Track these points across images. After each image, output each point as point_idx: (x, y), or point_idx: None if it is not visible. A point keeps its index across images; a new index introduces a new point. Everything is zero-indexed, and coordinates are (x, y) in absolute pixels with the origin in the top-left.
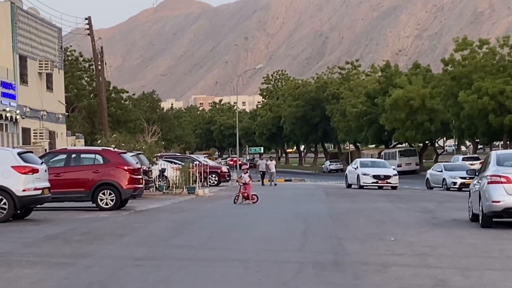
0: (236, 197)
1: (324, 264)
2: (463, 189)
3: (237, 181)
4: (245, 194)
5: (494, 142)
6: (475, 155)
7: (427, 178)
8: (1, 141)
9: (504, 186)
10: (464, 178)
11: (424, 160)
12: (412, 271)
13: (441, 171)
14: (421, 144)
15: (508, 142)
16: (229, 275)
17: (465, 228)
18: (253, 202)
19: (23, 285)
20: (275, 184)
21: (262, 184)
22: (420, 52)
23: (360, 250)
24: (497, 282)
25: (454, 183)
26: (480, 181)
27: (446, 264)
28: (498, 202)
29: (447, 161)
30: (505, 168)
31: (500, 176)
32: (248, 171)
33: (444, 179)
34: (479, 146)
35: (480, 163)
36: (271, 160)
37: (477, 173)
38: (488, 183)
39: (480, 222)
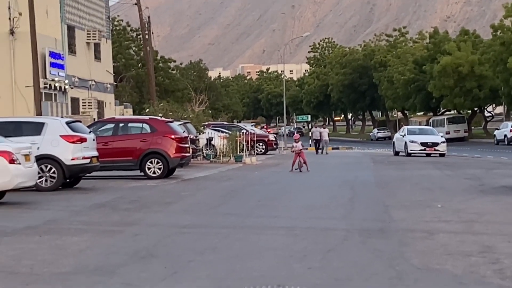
0: (293, 166)
1: (370, 232)
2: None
3: (292, 150)
4: (300, 162)
5: None
6: None
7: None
8: (50, 111)
9: None
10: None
11: (472, 127)
12: (458, 238)
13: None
14: (470, 111)
15: None
16: (276, 242)
17: None
18: (307, 170)
19: (71, 253)
20: (326, 153)
21: (316, 152)
22: (469, 18)
23: (407, 217)
24: None
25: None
26: None
27: (493, 230)
28: None
29: (497, 128)
30: None
31: None
32: (300, 140)
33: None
34: None
35: None
36: (324, 128)
37: None
38: None
39: None
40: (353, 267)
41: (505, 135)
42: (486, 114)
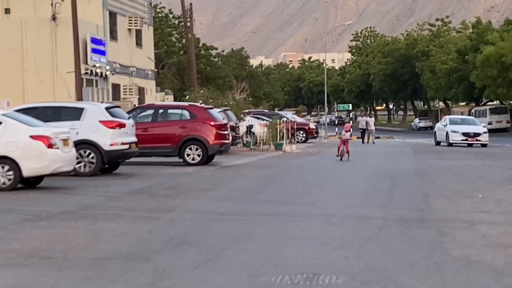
0: (339, 152)
1: (408, 221)
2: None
3: (339, 137)
4: (344, 151)
5: None
6: None
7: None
8: (91, 97)
9: None
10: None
11: None
12: (499, 229)
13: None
14: None
15: None
16: (312, 230)
17: None
18: (348, 159)
19: (106, 238)
20: (373, 142)
21: (363, 142)
22: None
23: (446, 207)
24: None
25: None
26: None
27: None
28: None
29: None
30: None
31: None
32: (351, 130)
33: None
34: None
35: None
36: (371, 117)
37: None
38: None
39: None
40: (390, 256)
41: None
42: None
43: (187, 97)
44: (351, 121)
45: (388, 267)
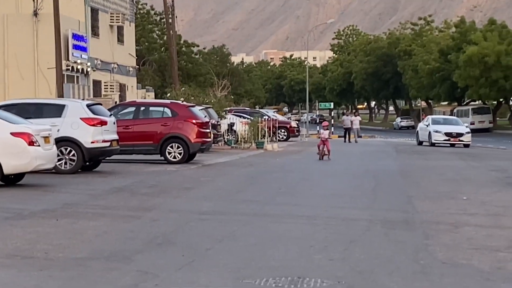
0: (319, 154)
1: (393, 223)
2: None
3: (318, 136)
4: (324, 151)
5: None
6: None
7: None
8: (72, 93)
9: None
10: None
11: (498, 118)
12: (485, 232)
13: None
14: (495, 102)
15: None
16: (296, 231)
17: None
18: (329, 159)
19: (88, 237)
20: (356, 141)
21: (346, 141)
22: (496, 8)
23: (431, 208)
24: None
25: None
26: None
27: None
28: None
29: None
30: None
31: None
32: (328, 128)
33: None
34: None
35: None
36: (356, 116)
37: None
38: None
39: None
40: (376, 259)
41: None
42: None
43: (168, 94)
44: (332, 120)
45: (373, 270)
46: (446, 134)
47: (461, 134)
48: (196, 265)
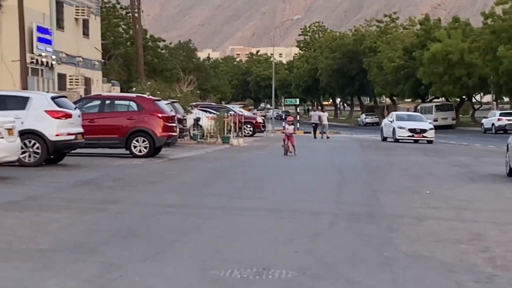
0: (285, 149)
1: (358, 216)
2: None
3: (283, 132)
4: (288, 146)
5: None
6: None
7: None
8: (36, 86)
9: None
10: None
11: (460, 115)
12: (448, 225)
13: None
14: (458, 99)
15: None
16: (262, 224)
17: (502, 183)
18: (294, 154)
19: (52, 229)
20: (327, 137)
21: (314, 137)
22: (460, 6)
23: (395, 202)
24: None
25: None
26: None
27: (483, 218)
28: None
29: (484, 117)
30: None
31: None
32: (293, 123)
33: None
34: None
35: None
36: (324, 112)
37: None
38: None
39: None
40: (341, 251)
41: (493, 124)
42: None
43: (134, 88)
44: (298, 116)
45: (338, 262)
46: (410, 130)
47: (424, 130)
48: (161, 257)
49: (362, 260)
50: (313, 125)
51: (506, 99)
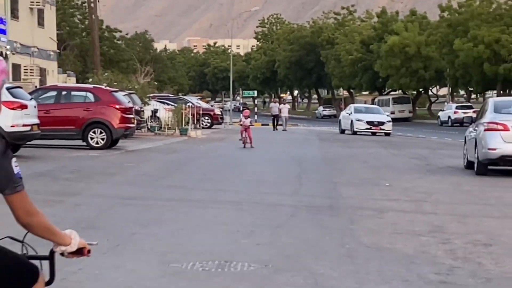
0: (243, 141)
1: (318, 208)
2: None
3: (241, 124)
4: (246, 138)
5: (488, 92)
6: (469, 104)
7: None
8: None
9: (501, 134)
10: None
11: (417, 108)
12: (408, 217)
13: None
14: (415, 92)
15: (501, 92)
16: (222, 216)
17: (460, 175)
18: (251, 147)
19: (7, 222)
20: (285, 130)
21: (274, 129)
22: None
23: (355, 194)
24: (493, 229)
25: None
26: (476, 128)
27: (442, 210)
28: (495, 149)
29: (441, 110)
30: (502, 116)
31: (497, 124)
32: (249, 116)
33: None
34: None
35: (474, 111)
36: (284, 104)
37: (473, 121)
38: (485, 130)
39: (476, 169)
40: (302, 244)
41: (449, 117)
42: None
43: (91, 79)
44: (256, 108)
45: (300, 254)
46: (368, 122)
47: (382, 123)
48: (121, 250)
49: (323, 252)
50: (273, 117)
51: (462, 92)
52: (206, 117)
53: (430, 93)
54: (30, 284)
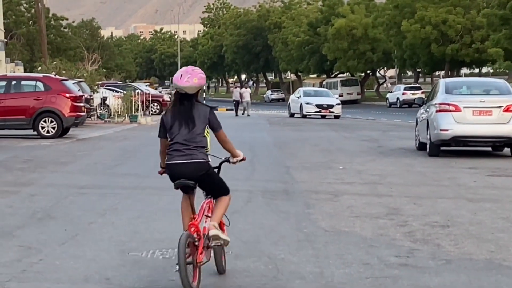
0: None
1: (273, 193)
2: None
3: None
4: None
5: (436, 72)
6: (417, 85)
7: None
8: None
9: (453, 115)
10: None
11: (365, 90)
12: (364, 200)
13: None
14: (363, 74)
15: (449, 72)
16: (177, 203)
17: (412, 157)
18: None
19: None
20: (248, 115)
21: (236, 114)
22: None
23: (309, 178)
24: (449, 210)
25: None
26: (428, 109)
27: (397, 192)
28: (447, 130)
29: (390, 91)
30: (454, 96)
31: (449, 104)
32: None
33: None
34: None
35: (422, 92)
36: (246, 88)
37: (424, 102)
38: (437, 111)
39: (428, 150)
40: (260, 229)
41: (398, 98)
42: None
43: (39, 68)
44: (204, 93)
45: (259, 240)
46: (317, 106)
47: (331, 106)
48: (80, 239)
49: (282, 237)
50: (234, 102)
51: (409, 73)
52: (155, 104)
53: (378, 74)
54: (226, 193)
